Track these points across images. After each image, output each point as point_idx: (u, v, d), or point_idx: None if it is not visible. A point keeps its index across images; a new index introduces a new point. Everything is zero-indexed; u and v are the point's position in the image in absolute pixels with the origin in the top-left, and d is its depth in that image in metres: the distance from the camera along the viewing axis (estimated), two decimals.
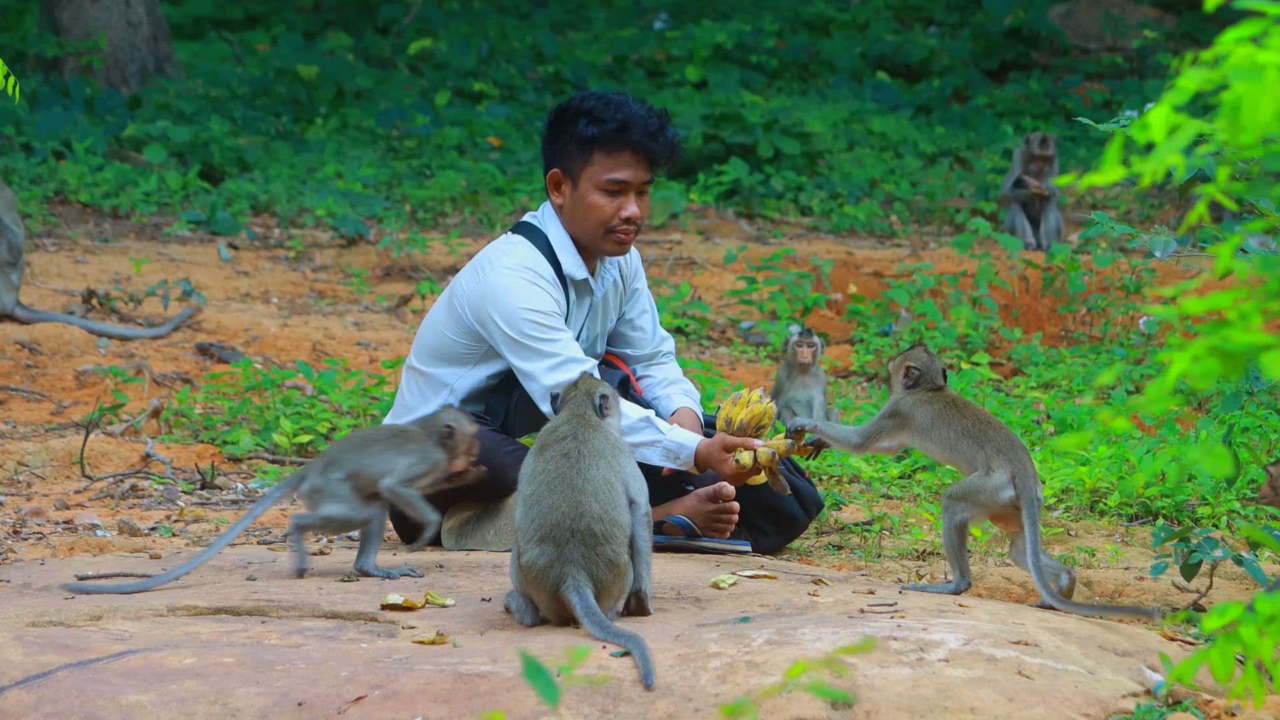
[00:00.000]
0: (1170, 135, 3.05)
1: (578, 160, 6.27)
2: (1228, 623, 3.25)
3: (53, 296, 10.95)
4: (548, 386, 6.13)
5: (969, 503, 5.41)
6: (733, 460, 6.03)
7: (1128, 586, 6.16)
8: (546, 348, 6.17)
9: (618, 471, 5.01)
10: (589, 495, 4.93)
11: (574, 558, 4.89)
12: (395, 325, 10.94)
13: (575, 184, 6.29)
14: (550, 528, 4.92)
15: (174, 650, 4.77)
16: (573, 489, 4.94)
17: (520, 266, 6.26)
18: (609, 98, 6.30)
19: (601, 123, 6.24)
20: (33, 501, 7.41)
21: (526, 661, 3.01)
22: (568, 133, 6.28)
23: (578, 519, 4.91)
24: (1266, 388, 6.13)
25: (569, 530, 4.91)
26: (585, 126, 6.24)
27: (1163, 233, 5.65)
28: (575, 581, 4.88)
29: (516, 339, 6.18)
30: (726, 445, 6.05)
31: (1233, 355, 2.90)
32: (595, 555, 4.90)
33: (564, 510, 4.92)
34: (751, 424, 6.08)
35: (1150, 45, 18.93)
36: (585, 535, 4.90)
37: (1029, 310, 11.18)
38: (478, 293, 6.27)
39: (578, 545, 4.90)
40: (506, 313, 6.20)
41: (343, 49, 19.15)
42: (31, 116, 14.91)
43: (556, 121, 6.33)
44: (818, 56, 19.17)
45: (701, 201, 14.25)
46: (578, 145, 6.26)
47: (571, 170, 6.29)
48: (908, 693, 4.46)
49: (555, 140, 6.32)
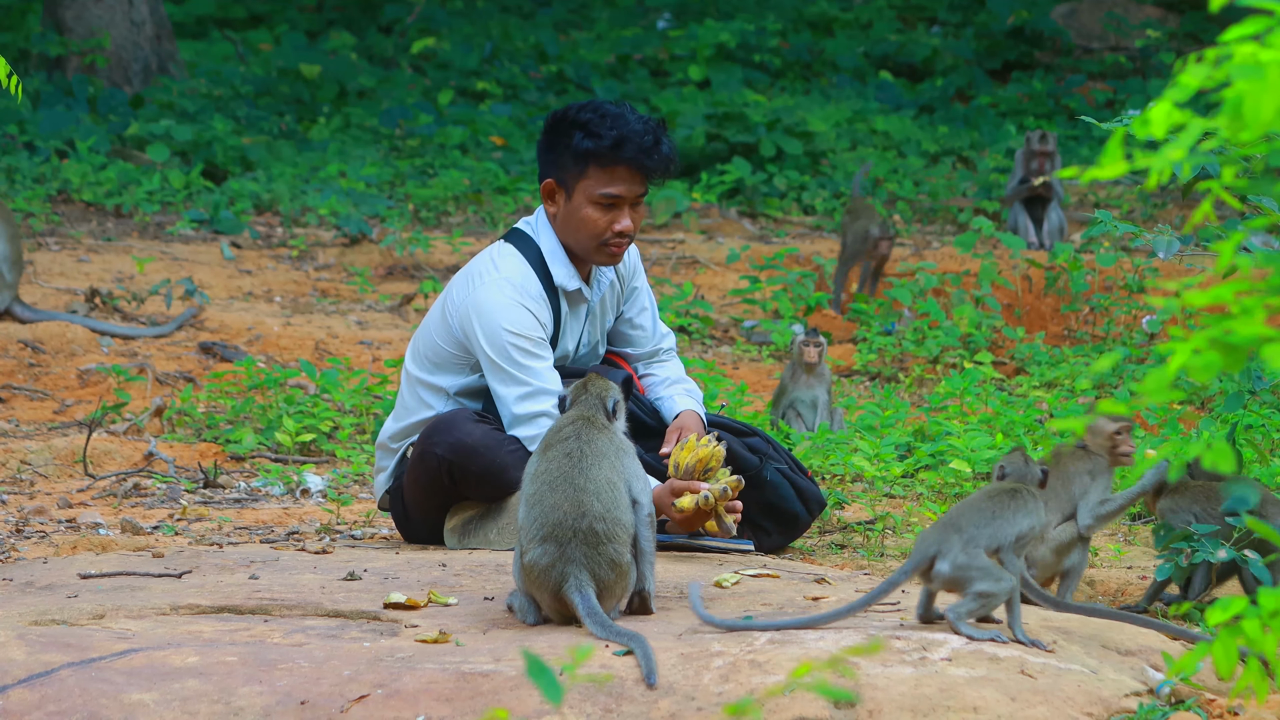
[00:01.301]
0: (1174, 133, 3.05)
1: (572, 172, 6.23)
2: (1231, 617, 3.25)
3: (56, 295, 10.95)
4: (515, 414, 6.15)
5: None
6: (673, 505, 6.03)
7: (1130, 586, 6.15)
8: (522, 375, 6.16)
9: (621, 472, 5.01)
10: (591, 495, 4.93)
11: (576, 557, 4.89)
12: (398, 324, 10.94)
13: (569, 195, 6.26)
14: (552, 527, 4.92)
15: (177, 649, 4.77)
16: (575, 488, 4.94)
17: (509, 284, 6.23)
18: (605, 109, 6.24)
19: (597, 137, 6.18)
20: (35, 500, 7.42)
21: (530, 660, 3.01)
22: (563, 144, 6.23)
23: (580, 518, 4.92)
24: (1269, 386, 6.13)
25: (571, 530, 4.91)
26: (580, 140, 6.19)
27: (1166, 232, 5.65)
28: (577, 581, 4.88)
29: (495, 360, 6.18)
30: (674, 490, 6.04)
31: (1234, 348, 2.90)
32: (597, 555, 4.90)
33: (566, 510, 4.92)
34: (698, 467, 6.08)
35: (1153, 45, 18.92)
36: (587, 534, 4.90)
37: (1032, 309, 11.18)
38: (465, 306, 6.26)
39: (580, 545, 4.90)
40: (489, 332, 6.19)
41: (346, 48, 19.15)
42: (35, 115, 14.91)
43: (551, 131, 6.28)
44: (820, 56, 19.16)
45: (704, 201, 14.25)
46: (573, 158, 6.21)
47: (565, 181, 6.25)
48: (910, 692, 4.46)
49: (550, 150, 6.28)
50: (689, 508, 6.00)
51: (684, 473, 6.06)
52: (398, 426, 6.45)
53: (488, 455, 6.21)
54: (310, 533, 6.93)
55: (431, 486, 6.29)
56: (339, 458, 8.15)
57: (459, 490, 6.29)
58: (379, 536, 6.81)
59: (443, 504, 6.36)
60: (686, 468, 6.06)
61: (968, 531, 4.82)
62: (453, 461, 6.21)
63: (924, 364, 10.20)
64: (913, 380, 9.95)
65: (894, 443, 7.82)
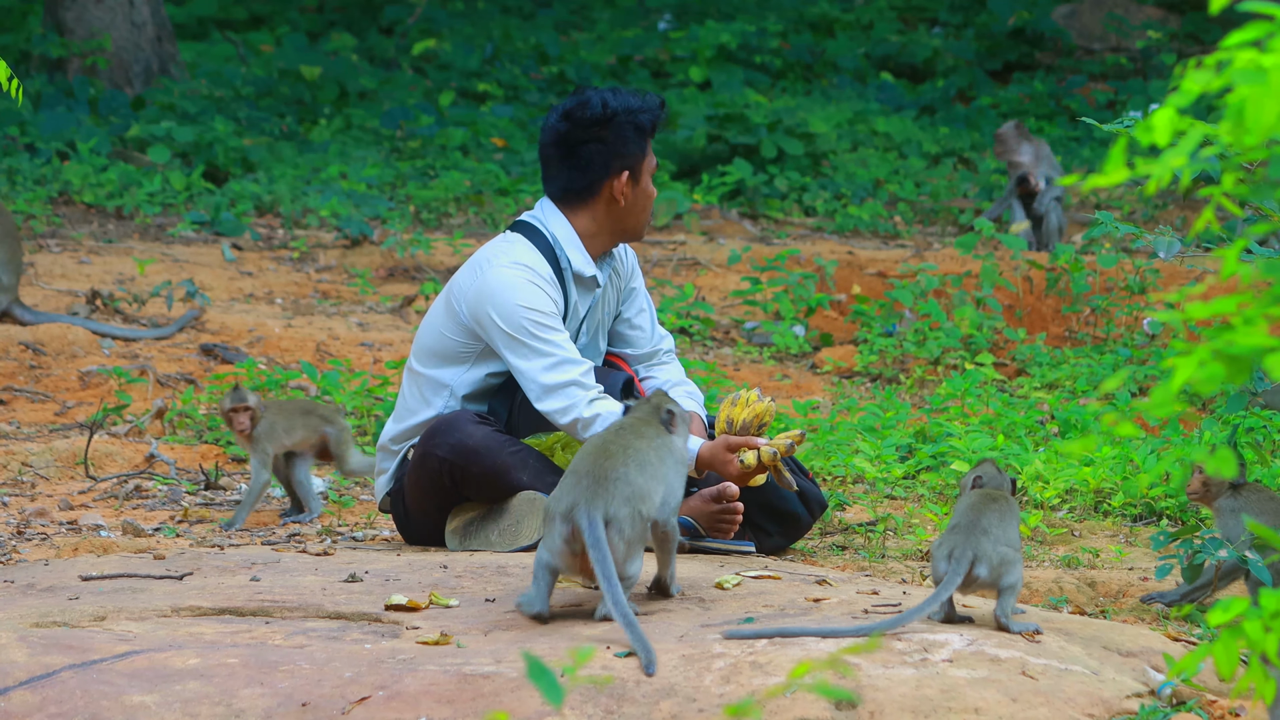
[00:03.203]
0: (1176, 138, 3.05)
1: (637, 155, 6.38)
2: (1232, 618, 3.25)
3: (57, 297, 10.95)
4: (544, 385, 6.15)
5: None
6: (737, 461, 6.04)
7: (1131, 587, 6.16)
8: (544, 347, 6.17)
9: (658, 467, 5.07)
10: (622, 462, 4.99)
11: (590, 493, 4.94)
12: (399, 326, 10.94)
13: (638, 180, 6.40)
14: (573, 474, 4.99)
15: (178, 651, 4.78)
16: (609, 456, 5.01)
17: (519, 265, 6.27)
18: (617, 90, 6.41)
19: (645, 111, 6.37)
20: (37, 502, 7.42)
21: (530, 662, 3.01)
22: (624, 134, 6.35)
23: (602, 467, 4.97)
24: (1270, 388, 6.13)
25: (589, 475, 4.97)
26: (643, 119, 6.36)
27: (1167, 233, 5.64)
28: (588, 510, 4.92)
29: (514, 336, 6.19)
30: (730, 446, 6.05)
31: (1237, 359, 2.90)
32: (612, 493, 4.94)
33: (589, 465, 4.99)
34: (754, 423, 6.08)
35: (1154, 45, 18.92)
36: (604, 478, 4.96)
37: (1033, 311, 11.18)
38: (475, 290, 6.27)
39: (596, 483, 4.95)
40: (504, 310, 6.21)
41: (347, 49, 19.15)
42: (35, 117, 14.91)
43: (599, 126, 6.34)
44: (821, 57, 19.16)
45: (705, 202, 14.25)
46: (638, 141, 6.37)
47: (634, 168, 6.38)
48: (911, 693, 4.46)
49: (611, 143, 6.36)
50: (753, 462, 6.01)
51: (739, 429, 6.07)
52: (399, 428, 6.46)
53: (489, 457, 6.21)
54: (311, 534, 6.93)
55: (433, 488, 6.30)
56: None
57: (460, 492, 6.29)
58: (380, 538, 6.82)
59: (444, 505, 6.36)
60: (743, 424, 6.07)
61: (993, 532, 4.95)
62: (454, 463, 6.21)
63: (925, 365, 10.20)
64: (914, 381, 9.96)
65: (895, 444, 7.82)
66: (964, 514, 5.02)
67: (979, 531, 4.93)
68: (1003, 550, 4.93)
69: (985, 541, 4.92)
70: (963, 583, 4.90)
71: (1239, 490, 5.84)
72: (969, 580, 4.91)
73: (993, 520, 4.97)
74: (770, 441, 6.01)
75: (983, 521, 4.96)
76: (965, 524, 4.97)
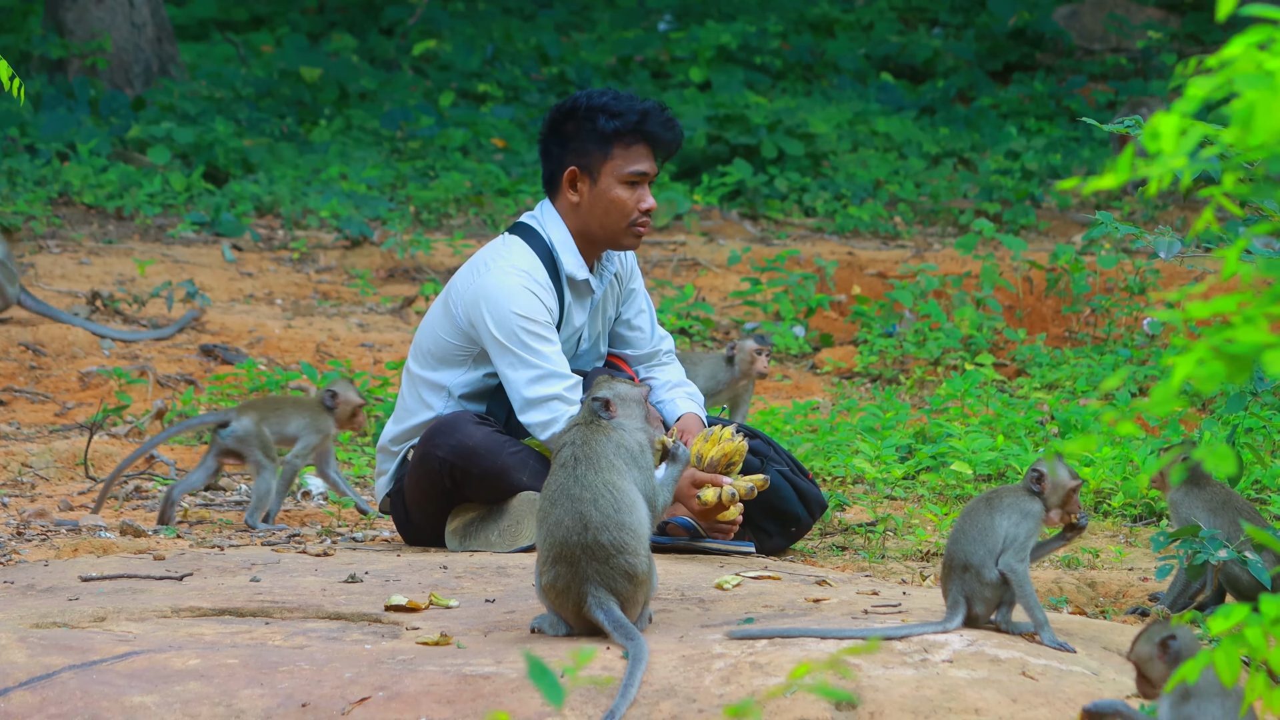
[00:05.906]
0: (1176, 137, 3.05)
1: (597, 156, 6.31)
2: (1233, 625, 3.25)
3: (57, 298, 10.95)
4: (527, 398, 6.15)
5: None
6: (696, 498, 6.06)
7: (1131, 588, 6.15)
8: (532, 358, 6.17)
9: (624, 472, 4.95)
10: (589, 504, 4.82)
11: (590, 575, 4.79)
12: (399, 327, 10.94)
13: (595, 180, 6.32)
14: (560, 546, 4.81)
15: (178, 651, 4.78)
16: (573, 500, 4.83)
17: (516, 270, 6.26)
18: (617, 93, 6.37)
19: (620, 115, 6.29)
20: (37, 503, 7.42)
21: (531, 663, 3.01)
22: (585, 130, 6.30)
23: (583, 532, 4.80)
24: (1270, 388, 6.13)
25: (578, 547, 4.80)
26: (605, 121, 6.28)
27: (1167, 234, 5.64)
28: (597, 599, 4.79)
29: (505, 343, 6.19)
30: (695, 481, 6.08)
31: (1238, 357, 2.89)
32: (610, 569, 4.79)
33: (568, 525, 4.81)
34: (722, 461, 6.14)
35: (1155, 46, 18.92)
36: (595, 549, 4.79)
37: (1033, 311, 11.18)
38: (471, 292, 6.27)
39: (591, 562, 4.79)
40: (498, 315, 6.20)
41: (347, 50, 19.14)
42: (36, 118, 14.91)
43: (566, 119, 6.34)
44: (822, 57, 19.16)
45: (705, 203, 14.24)
46: (597, 141, 6.30)
47: (590, 167, 6.32)
48: (911, 694, 4.46)
49: (570, 139, 6.32)
50: (712, 501, 6.04)
51: (706, 465, 6.10)
52: (398, 429, 6.46)
53: (489, 458, 6.21)
54: (311, 535, 6.93)
55: (433, 489, 6.30)
56: (339, 460, 8.15)
57: (460, 492, 6.29)
58: (380, 539, 6.82)
59: (444, 506, 6.36)
60: (711, 461, 6.10)
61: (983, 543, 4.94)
62: (454, 464, 6.21)
63: (925, 366, 10.20)
64: (914, 382, 9.96)
65: (895, 444, 7.82)
66: (983, 513, 5.01)
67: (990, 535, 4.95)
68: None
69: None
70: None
71: (1193, 485, 5.77)
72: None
73: (1011, 518, 4.95)
74: (733, 482, 6.05)
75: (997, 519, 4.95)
76: (978, 526, 4.97)
